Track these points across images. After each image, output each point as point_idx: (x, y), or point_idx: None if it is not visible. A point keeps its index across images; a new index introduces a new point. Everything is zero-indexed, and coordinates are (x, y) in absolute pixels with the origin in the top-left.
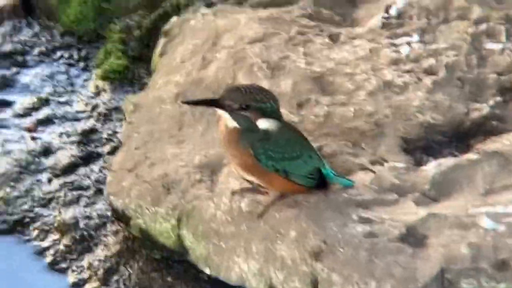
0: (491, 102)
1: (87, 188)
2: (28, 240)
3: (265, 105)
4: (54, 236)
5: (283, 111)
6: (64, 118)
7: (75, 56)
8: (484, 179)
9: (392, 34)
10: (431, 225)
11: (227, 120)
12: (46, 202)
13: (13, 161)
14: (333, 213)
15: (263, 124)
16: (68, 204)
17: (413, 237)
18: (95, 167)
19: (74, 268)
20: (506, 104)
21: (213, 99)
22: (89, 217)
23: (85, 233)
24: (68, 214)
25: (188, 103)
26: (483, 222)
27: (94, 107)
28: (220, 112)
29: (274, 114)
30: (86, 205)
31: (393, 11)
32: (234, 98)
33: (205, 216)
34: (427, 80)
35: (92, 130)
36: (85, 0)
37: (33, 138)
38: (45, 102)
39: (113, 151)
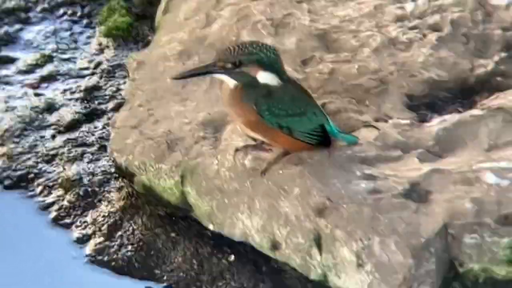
0: (496, 58)
1: (90, 144)
2: (32, 196)
3: (259, 55)
4: (58, 192)
5: (288, 68)
6: (67, 75)
7: (79, 13)
8: (488, 135)
9: None
10: (434, 181)
11: (226, 81)
12: (50, 158)
13: (17, 118)
14: (337, 170)
15: (263, 77)
16: (72, 160)
17: (417, 193)
18: (99, 123)
19: (78, 223)
20: (511, 60)
21: (206, 65)
22: (92, 174)
23: (89, 189)
24: (72, 170)
25: (181, 77)
26: (487, 177)
27: (98, 64)
28: (217, 76)
29: (273, 65)
30: (90, 162)
31: None
32: (225, 58)
33: (208, 173)
34: (432, 37)
35: (96, 87)
36: None
37: (37, 95)
38: (48, 58)
39: (116, 108)
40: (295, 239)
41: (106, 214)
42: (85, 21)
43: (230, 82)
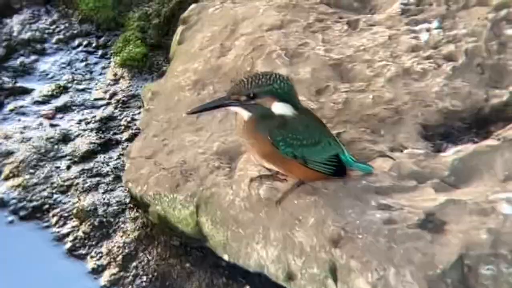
0: (511, 88)
1: (105, 175)
2: (47, 227)
3: (273, 87)
4: (73, 222)
5: (302, 98)
6: (82, 106)
7: (94, 44)
8: (504, 166)
9: (411, 20)
10: (450, 211)
11: (241, 113)
12: (65, 189)
13: (32, 148)
14: (352, 200)
15: (278, 108)
16: (87, 191)
17: (432, 223)
18: (114, 154)
19: (93, 254)
20: None
21: (220, 99)
22: (107, 204)
23: (103, 219)
24: (87, 200)
25: (195, 112)
26: (503, 208)
27: (113, 95)
28: (232, 108)
29: (287, 95)
30: (105, 192)
31: None
32: (239, 91)
33: (223, 203)
34: (447, 67)
35: (111, 117)
36: None
37: (52, 125)
38: (63, 89)
39: (131, 138)
40: (311, 270)
41: (121, 244)
42: (100, 52)
43: (244, 114)
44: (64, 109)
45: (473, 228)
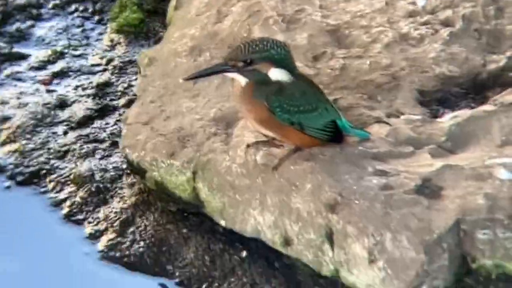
0: (509, 54)
1: (102, 141)
2: (44, 192)
3: (270, 52)
4: (70, 188)
5: (299, 64)
6: (79, 71)
7: (90, 9)
8: (500, 131)
9: None
10: (447, 177)
11: (238, 79)
12: (62, 155)
13: (29, 114)
14: (349, 166)
15: (275, 74)
16: (83, 156)
17: (429, 189)
18: (111, 120)
19: (90, 219)
20: None
21: (216, 65)
22: (104, 170)
23: (101, 185)
24: (84, 166)
25: (192, 78)
26: (500, 173)
27: (109, 61)
28: (229, 74)
29: (284, 61)
30: (102, 158)
31: None
32: (236, 57)
33: (220, 169)
34: (444, 32)
35: (107, 83)
36: None
37: (49, 91)
38: (60, 55)
39: (128, 105)
40: (307, 235)
41: (118, 210)
42: (96, 18)
43: (241, 79)
44: (61, 74)
45: (469, 193)
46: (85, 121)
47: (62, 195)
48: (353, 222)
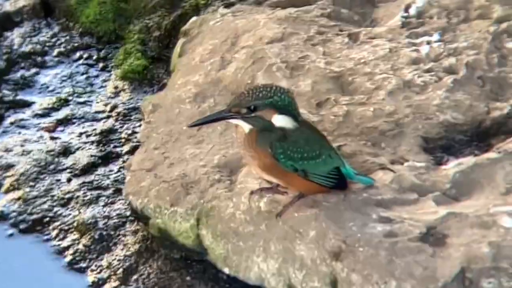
0: None
1: (106, 188)
2: (48, 240)
3: (273, 99)
4: (73, 235)
5: (303, 111)
6: (83, 118)
7: (94, 57)
8: (505, 178)
9: (412, 33)
10: (451, 225)
11: (242, 126)
12: (65, 202)
13: (33, 161)
14: (353, 213)
15: (279, 121)
16: (87, 204)
17: (433, 237)
18: (114, 167)
19: (93, 267)
20: None
21: (220, 111)
22: (108, 217)
23: (104, 232)
24: (87, 213)
25: (196, 124)
26: (504, 221)
27: (113, 107)
28: (232, 121)
29: (288, 108)
30: (105, 205)
31: (412, 11)
32: (239, 103)
33: (224, 216)
34: (447, 79)
35: (111, 130)
36: (104, 0)
37: (53, 138)
38: (64, 102)
39: (132, 151)
40: (311, 283)
41: (122, 257)
42: (101, 65)
43: (245, 126)
44: (65, 122)
45: (474, 241)
46: (88, 168)
47: (65, 243)
48: (358, 270)
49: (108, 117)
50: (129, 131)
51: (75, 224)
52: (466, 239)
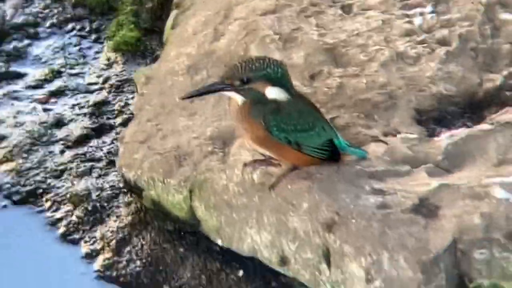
0: (505, 73)
1: (99, 159)
2: (41, 211)
3: (266, 71)
4: (67, 207)
5: (296, 83)
6: (76, 90)
7: (87, 28)
8: (497, 150)
9: (405, 5)
10: (444, 196)
11: (235, 98)
12: (58, 174)
13: (26, 133)
14: (346, 185)
15: (272, 93)
16: (80, 175)
17: (426, 208)
18: (107, 138)
19: (86, 239)
20: None
21: (213, 83)
22: (101, 189)
23: (97, 204)
24: (80, 185)
25: (189, 97)
26: (496, 193)
27: (106, 79)
28: (225, 93)
29: (281, 80)
30: (98, 177)
31: None
32: (233, 75)
33: (217, 188)
34: (440, 51)
35: (104, 102)
36: None
37: (45, 110)
38: (57, 74)
39: (125, 123)
40: (304, 255)
41: (115, 229)
42: (93, 36)
43: (238, 98)
44: (58, 93)
45: (466, 212)
46: (81, 140)
47: (58, 214)
48: (350, 242)
49: (101, 89)
50: (122, 103)
51: (68, 195)
52: (458, 211)
